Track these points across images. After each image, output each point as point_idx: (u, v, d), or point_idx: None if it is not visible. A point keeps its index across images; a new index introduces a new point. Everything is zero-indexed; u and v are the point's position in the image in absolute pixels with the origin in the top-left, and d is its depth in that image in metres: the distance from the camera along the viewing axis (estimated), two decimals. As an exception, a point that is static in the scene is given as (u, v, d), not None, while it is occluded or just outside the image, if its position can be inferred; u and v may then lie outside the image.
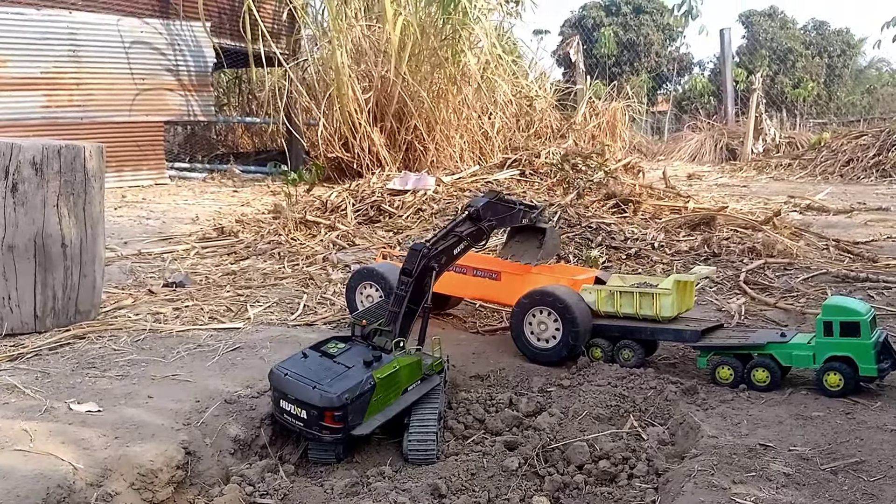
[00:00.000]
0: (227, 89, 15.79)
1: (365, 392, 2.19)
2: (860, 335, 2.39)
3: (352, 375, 2.23)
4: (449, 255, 2.62)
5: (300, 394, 2.21)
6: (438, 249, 2.55)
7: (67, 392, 2.51)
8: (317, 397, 2.17)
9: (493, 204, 2.78)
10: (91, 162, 3.39)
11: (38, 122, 8.97)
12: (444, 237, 2.61)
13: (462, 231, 2.66)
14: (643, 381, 2.65)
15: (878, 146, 9.57)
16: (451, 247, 2.62)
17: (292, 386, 2.24)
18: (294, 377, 2.26)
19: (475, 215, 2.69)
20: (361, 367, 2.26)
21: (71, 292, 3.35)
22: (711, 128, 13.90)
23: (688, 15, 17.85)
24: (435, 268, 2.53)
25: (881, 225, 5.62)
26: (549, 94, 11.61)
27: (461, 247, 2.68)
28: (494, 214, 2.77)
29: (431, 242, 2.55)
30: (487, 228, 2.75)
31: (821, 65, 22.18)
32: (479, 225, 2.71)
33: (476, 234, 2.71)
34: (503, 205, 2.85)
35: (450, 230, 2.64)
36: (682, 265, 4.30)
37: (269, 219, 5.94)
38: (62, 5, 9.11)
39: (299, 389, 2.21)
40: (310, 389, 2.20)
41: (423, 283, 2.50)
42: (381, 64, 8.96)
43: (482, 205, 2.72)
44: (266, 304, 3.72)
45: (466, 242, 2.69)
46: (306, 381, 2.23)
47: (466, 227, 2.68)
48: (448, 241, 2.61)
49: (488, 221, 2.74)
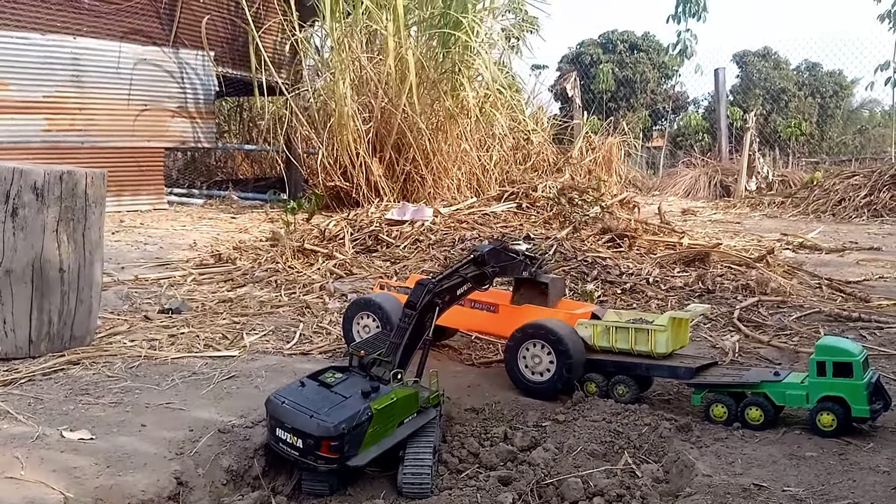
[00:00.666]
0: (228, 117, 15.93)
1: (362, 423, 2.19)
2: (853, 376, 2.40)
3: (349, 405, 2.23)
4: (452, 294, 2.70)
5: (297, 422, 2.20)
6: (443, 287, 2.62)
7: (60, 419, 2.50)
8: (314, 426, 2.16)
9: (497, 251, 2.91)
10: (92, 188, 3.42)
11: (39, 145, 9.02)
12: (449, 276, 2.69)
13: (466, 273, 2.76)
14: (638, 418, 2.65)
15: (869, 186, 9.68)
16: (455, 286, 2.71)
17: (289, 414, 2.23)
18: (291, 405, 2.25)
19: (480, 259, 2.80)
20: (359, 398, 2.26)
21: (67, 318, 3.35)
22: (706, 164, 14.05)
23: (683, 54, 18.20)
24: (438, 304, 2.59)
25: (873, 265, 5.67)
26: (546, 128, 11.74)
27: (464, 288, 2.77)
28: (498, 262, 2.90)
29: (437, 280, 2.62)
30: (490, 273, 2.86)
31: (813, 105, 22.51)
32: (483, 269, 2.82)
33: (479, 278, 2.82)
34: (507, 253, 2.99)
35: (455, 270, 2.73)
36: (676, 301, 4.33)
37: (267, 246, 5.96)
38: (67, 31, 9.22)
39: (296, 418, 2.21)
40: (307, 418, 2.19)
41: (426, 317, 2.55)
42: (381, 95, 9.07)
43: (487, 251, 2.83)
44: (262, 333, 3.72)
45: (469, 284, 2.78)
46: (303, 409, 2.22)
47: (471, 269, 2.78)
48: (453, 281, 2.69)
49: (492, 267, 2.86)
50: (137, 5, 9.91)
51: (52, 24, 9.07)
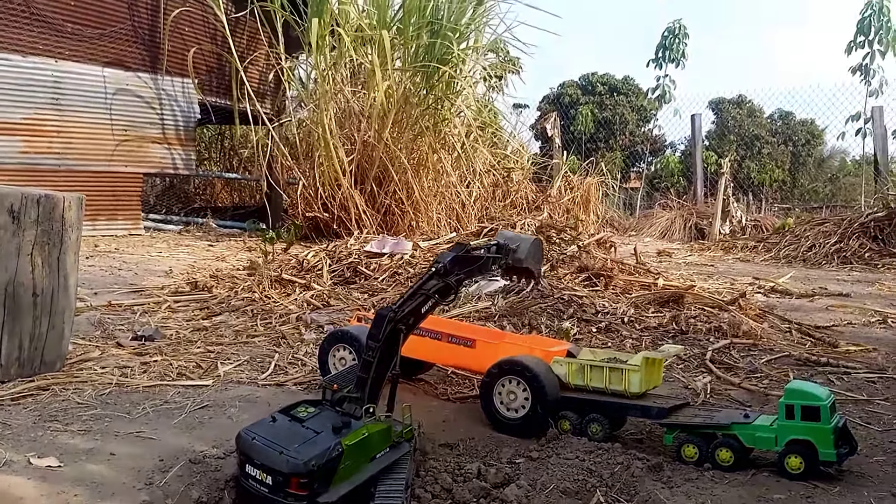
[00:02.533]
0: (209, 144, 15.93)
1: (333, 459, 2.17)
2: (820, 420, 2.45)
3: (320, 441, 2.21)
4: (417, 315, 2.57)
5: (266, 459, 2.17)
6: (405, 311, 2.52)
7: (28, 445, 2.46)
8: (283, 463, 2.14)
9: (460, 258, 2.69)
10: (70, 212, 3.40)
11: (15, 167, 8.95)
12: (411, 297, 2.56)
13: (429, 289, 2.59)
14: (610, 457, 2.67)
15: (839, 234, 9.90)
16: (418, 306, 2.57)
17: (259, 450, 2.20)
18: (261, 441, 2.23)
19: (442, 271, 2.61)
20: (330, 433, 2.24)
21: (38, 342, 3.30)
22: (681, 207, 14.30)
23: (661, 99, 18.64)
24: (403, 330, 2.50)
25: (842, 310, 5.78)
26: (526, 166, 11.91)
27: (429, 304, 2.61)
28: (462, 267, 2.69)
29: (398, 305, 2.53)
30: (455, 283, 2.66)
31: (786, 152, 23.11)
32: (446, 280, 2.62)
33: (443, 290, 2.64)
34: (471, 257, 2.75)
35: (416, 290, 2.59)
36: (650, 341, 4.37)
37: (244, 275, 5.93)
38: (48, 54, 9.23)
39: (266, 454, 2.18)
40: (276, 455, 2.17)
41: (392, 347, 2.47)
42: (363, 128, 9.16)
43: (449, 259, 2.65)
44: (237, 362, 3.69)
45: (434, 300, 2.62)
46: (273, 445, 2.20)
47: (433, 283, 2.61)
48: (416, 301, 2.56)
49: (456, 275, 2.66)
50: (121, 31, 9.96)
51: (33, 46, 9.08)
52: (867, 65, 16.03)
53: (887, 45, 15.66)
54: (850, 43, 16.31)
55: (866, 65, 16.05)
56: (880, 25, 15.69)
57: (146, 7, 10.26)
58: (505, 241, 2.86)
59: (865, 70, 16.08)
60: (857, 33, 16.12)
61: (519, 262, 2.85)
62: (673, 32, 18.19)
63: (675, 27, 18.21)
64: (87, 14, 9.58)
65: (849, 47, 16.34)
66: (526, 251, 2.84)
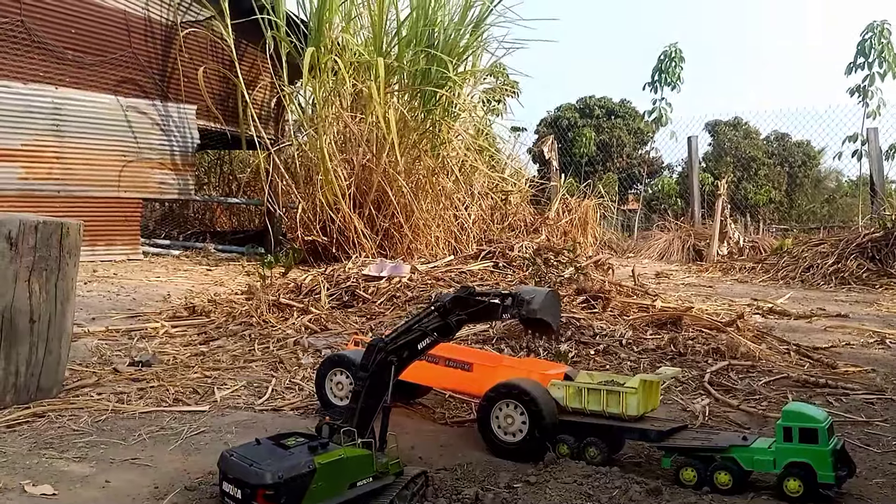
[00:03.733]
0: (208, 169, 16.02)
1: (303, 475, 2.11)
2: (818, 442, 2.44)
3: (292, 458, 2.18)
4: (412, 350, 2.58)
5: (238, 472, 2.15)
6: (398, 344, 2.52)
7: (23, 473, 2.45)
8: (251, 475, 2.10)
9: (461, 299, 2.72)
10: (68, 238, 3.42)
11: (15, 193, 8.99)
12: (406, 331, 2.57)
13: (427, 325, 2.61)
14: (609, 480, 2.65)
15: (836, 254, 9.92)
16: (414, 341, 2.57)
17: (233, 465, 2.18)
18: (237, 458, 2.20)
19: (441, 310, 2.65)
20: (305, 452, 2.20)
21: (34, 368, 3.29)
22: (679, 228, 14.34)
23: (658, 122, 18.77)
24: (394, 362, 2.48)
25: (840, 331, 5.78)
26: (524, 188, 11.96)
27: (426, 341, 2.62)
28: (464, 309, 2.72)
29: (391, 337, 2.53)
30: (455, 324, 2.69)
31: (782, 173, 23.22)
32: (447, 319, 2.66)
33: (443, 329, 2.66)
34: (475, 299, 2.77)
35: (412, 324, 2.61)
36: (648, 363, 4.37)
37: (242, 300, 5.93)
38: (49, 80, 9.31)
39: (238, 468, 2.15)
40: (246, 467, 2.14)
41: (383, 378, 2.45)
42: (362, 152, 9.22)
43: (449, 300, 2.68)
44: (234, 388, 3.68)
45: (431, 338, 2.63)
46: (246, 460, 2.18)
47: (432, 321, 2.64)
48: (411, 336, 2.57)
49: (456, 316, 2.68)
50: (121, 58, 10.06)
51: (34, 73, 9.17)
52: (865, 86, 16.16)
53: (888, 68, 15.78)
54: (849, 64, 16.46)
55: (864, 86, 16.18)
56: (881, 48, 15.83)
57: (146, 35, 10.38)
58: (521, 293, 2.84)
59: (863, 92, 16.21)
60: (857, 55, 16.27)
61: (533, 314, 2.81)
62: (669, 56, 18.38)
63: (671, 51, 18.40)
64: (87, 41, 9.68)
65: (848, 69, 16.49)
66: (540, 303, 2.81)
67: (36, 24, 9.09)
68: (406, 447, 2.82)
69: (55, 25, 9.31)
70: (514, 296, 2.82)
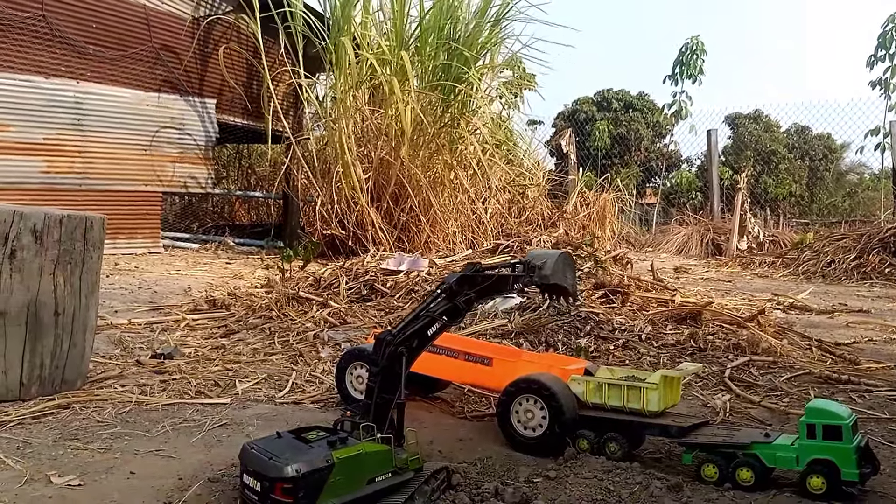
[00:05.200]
0: (227, 163, 16.12)
1: (321, 469, 2.12)
2: (842, 439, 2.42)
3: (311, 452, 2.19)
4: (422, 337, 2.51)
5: (257, 465, 2.16)
6: (407, 334, 2.47)
7: (49, 464, 2.48)
8: (270, 468, 2.11)
9: (468, 277, 2.62)
10: (91, 232, 3.46)
11: (37, 186, 9.11)
12: (413, 319, 2.52)
13: (435, 310, 2.53)
14: (629, 476, 2.64)
15: (858, 249, 9.80)
16: (423, 328, 2.50)
17: (252, 458, 2.20)
18: (257, 451, 2.22)
19: (448, 292, 2.56)
20: (324, 447, 2.21)
21: (59, 361, 3.34)
22: (698, 222, 14.22)
23: (678, 115, 18.60)
24: (404, 353, 2.44)
25: (862, 327, 5.71)
26: (541, 182, 11.92)
27: (435, 326, 2.54)
28: (472, 287, 2.61)
29: (398, 329, 2.48)
30: (464, 304, 2.59)
31: (803, 167, 22.93)
32: (455, 301, 2.57)
33: (451, 311, 2.57)
34: (482, 276, 2.66)
35: (420, 311, 2.54)
36: (668, 359, 4.34)
37: (262, 293, 5.97)
38: (70, 75, 9.41)
39: (258, 461, 2.17)
40: (266, 460, 2.15)
41: (394, 371, 2.42)
42: (380, 146, 9.23)
43: (455, 280, 2.58)
44: (254, 380, 3.71)
45: (441, 322, 2.55)
46: (266, 453, 2.19)
47: (440, 305, 2.55)
48: (419, 323, 2.50)
49: (465, 296, 2.58)
50: (141, 52, 10.15)
51: (56, 68, 9.27)
52: (887, 79, 15.92)
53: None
54: (870, 57, 16.23)
55: (886, 79, 15.94)
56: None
57: (166, 29, 10.45)
58: (531, 259, 2.75)
59: (885, 84, 15.97)
60: (878, 47, 16.03)
61: (546, 280, 2.72)
62: (691, 49, 18.19)
63: (692, 43, 18.20)
64: (108, 36, 9.77)
65: (869, 61, 16.26)
66: (552, 267, 2.72)
67: (57, 18, 9.19)
68: (425, 441, 2.83)
69: (76, 20, 9.41)
70: (524, 263, 2.73)
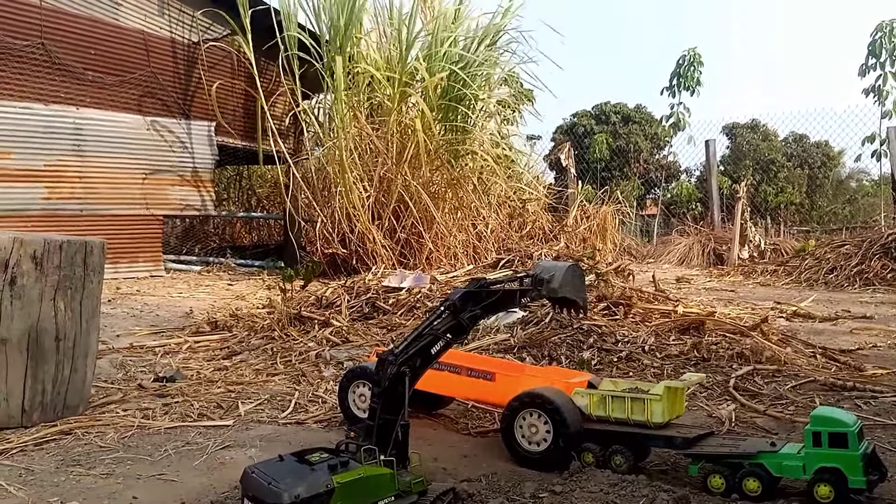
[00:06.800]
0: (228, 185, 16.18)
1: (321, 494, 2.09)
2: (848, 447, 2.40)
3: (311, 476, 2.16)
4: (425, 356, 2.47)
5: (257, 491, 2.14)
6: (410, 353, 2.43)
7: (51, 490, 2.47)
8: (269, 494, 2.09)
9: (473, 293, 2.57)
10: (92, 257, 3.47)
11: (39, 213, 9.13)
12: (416, 338, 2.48)
13: (438, 328, 2.49)
14: (635, 489, 2.62)
15: (860, 255, 9.78)
16: (426, 346, 2.47)
17: (253, 483, 2.17)
18: (258, 475, 2.20)
19: (452, 308, 2.52)
20: (325, 471, 2.18)
21: (61, 387, 3.33)
22: (699, 232, 14.21)
23: (675, 126, 18.66)
24: (407, 373, 2.40)
25: (866, 333, 5.69)
26: (541, 196, 11.94)
27: (439, 345, 2.50)
28: (477, 303, 2.57)
29: (400, 349, 2.45)
30: (468, 321, 2.55)
31: (802, 175, 22.96)
32: (459, 318, 2.52)
33: (456, 329, 2.53)
34: (487, 291, 2.62)
35: (423, 329, 2.50)
36: (672, 369, 4.32)
37: (264, 313, 5.97)
38: (69, 101, 9.47)
39: (257, 486, 2.14)
40: (265, 486, 2.12)
41: (397, 391, 2.39)
42: (381, 163, 9.27)
43: (459, 296, 2.54)
44: (257, 401, 3.70)
45: (445, 340, 2.51)
46: (266, 478, 2.17)
47: (444, 322, 2.51)
48: (422, 342, 2.46)
49: (469, 312, 2.54)
50: (140, 77, 10.21)
51: (55, 94, 9.32)
52: (880, 86, 16.01)
53: (901, 67, 15.68)
54: (862, 66, 16.34)
55: (879, 86, 16.03)
56: (893, 47, 15.70)
57: (164, 53, 10.53)
58: (539, 272, 2.68)
59: (878, 92, 16.06)
60: (869, 56, 16.14)
61: (554, 293, 2.66)
62: (688, 61, 18.28)
63: (689, 55, 18.30)
64: (107, 62, 9.84)
65: (861, 70, 16.36)
66: (560, 280, 2.65)
67: (56, 46, 9.26)
68: (429, 458, 2.81)
69: (75, 47, 9.48)
70: (532, 276, 2.67)
